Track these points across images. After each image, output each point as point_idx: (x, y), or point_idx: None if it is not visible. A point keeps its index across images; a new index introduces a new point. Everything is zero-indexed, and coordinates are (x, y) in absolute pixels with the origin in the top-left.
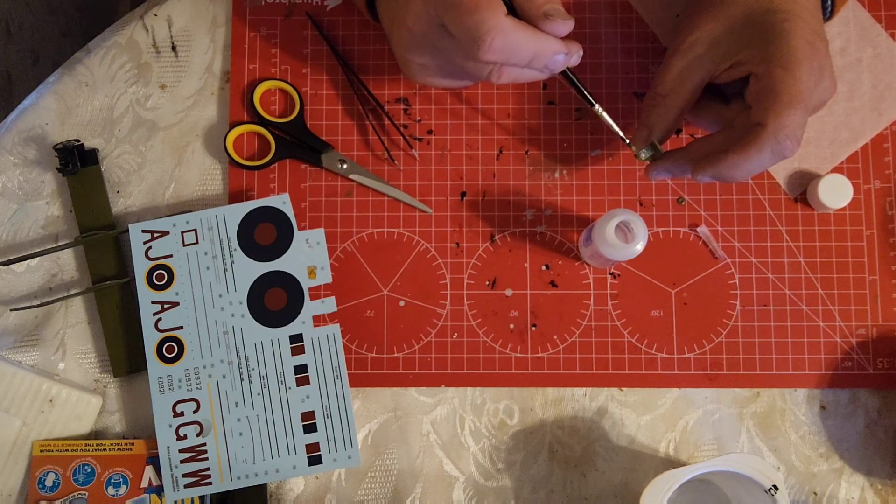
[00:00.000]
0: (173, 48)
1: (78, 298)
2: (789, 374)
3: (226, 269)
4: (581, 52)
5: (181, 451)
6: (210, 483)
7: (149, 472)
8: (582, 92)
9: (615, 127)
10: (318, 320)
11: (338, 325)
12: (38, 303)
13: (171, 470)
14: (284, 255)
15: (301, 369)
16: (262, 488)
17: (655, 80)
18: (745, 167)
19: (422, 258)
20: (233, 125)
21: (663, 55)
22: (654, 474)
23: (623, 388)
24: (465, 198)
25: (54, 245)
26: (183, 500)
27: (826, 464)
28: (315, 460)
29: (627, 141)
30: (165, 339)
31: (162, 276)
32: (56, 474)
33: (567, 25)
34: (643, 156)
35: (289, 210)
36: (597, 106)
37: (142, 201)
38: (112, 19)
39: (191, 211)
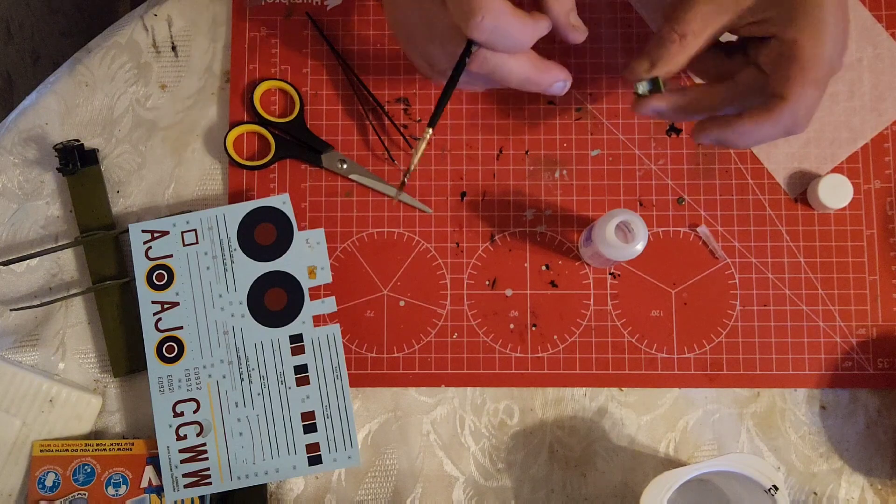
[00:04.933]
0: (173, 48)
1: (78, 298)
2: (789, 374)
3: (226, 269)
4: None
5: (181, 451)
6: (210, 483)
7: (149, 472)
8: None
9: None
10: (318, 320)
11: (338, 325)
12: (38, 303)
13: (171, 470)
14: (284, 255)
15: (301, 369)
16: (262, 488)
17: (675, 15)
18: (755, 137)
19: (422, 258)
20: (233, 125)
21: None
22: (654, 474)
23: (623, 388)
24: (465, 198)
25: (54, 245)
26: (183, 500)
27: (826, 464)
28: (315, 460)
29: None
30: (165, 339)
31: (162, 276)
32: (56, 474)
33: (583, 34)
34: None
35: (289, 210)
36: None
37: (142, 201)
38: (112, 19)
39: (191, 211)
